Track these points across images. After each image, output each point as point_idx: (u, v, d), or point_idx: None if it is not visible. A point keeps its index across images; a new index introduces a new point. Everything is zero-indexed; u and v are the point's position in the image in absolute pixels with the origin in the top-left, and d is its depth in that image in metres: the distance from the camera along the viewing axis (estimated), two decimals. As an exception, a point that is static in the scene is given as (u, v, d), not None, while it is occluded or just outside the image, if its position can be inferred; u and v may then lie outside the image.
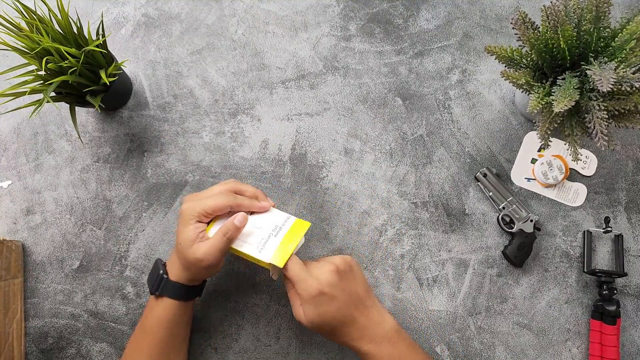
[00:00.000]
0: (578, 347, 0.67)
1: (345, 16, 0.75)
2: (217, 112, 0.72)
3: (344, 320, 0.53)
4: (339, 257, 0.56)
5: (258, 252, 0.56)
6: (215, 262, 0.54)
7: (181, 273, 0.56)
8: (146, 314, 0.58)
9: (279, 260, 0.55)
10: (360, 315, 0.54)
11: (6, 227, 0.70)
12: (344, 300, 0.53)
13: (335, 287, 0.52)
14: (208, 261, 0.53)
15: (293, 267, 0.53)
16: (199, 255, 0.53)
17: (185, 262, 0.55)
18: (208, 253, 0.53)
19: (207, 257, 0.53)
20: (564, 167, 0.68)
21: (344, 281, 0.54)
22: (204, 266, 0.53)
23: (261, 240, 0.57)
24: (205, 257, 0.53)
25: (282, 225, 0.59)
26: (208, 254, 0.53)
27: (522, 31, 0.56)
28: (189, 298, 0.58)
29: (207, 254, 0.53)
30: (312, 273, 0.53)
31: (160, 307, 0.57)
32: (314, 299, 0.52)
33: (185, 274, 0.56)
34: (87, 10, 0.74)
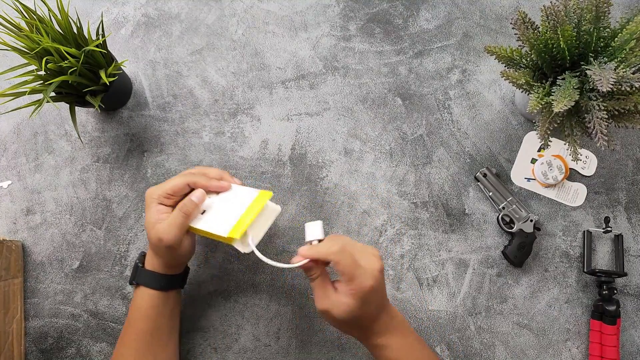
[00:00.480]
0: (578, 347, 0.67)
1: (345, 16, 0.75)
2: (217, 112, 0.72)
3: (376, 316, 0.53)
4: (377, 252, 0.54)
5: (215, 227, 0.54)
6: (175, 239, 0.53)
7: (154, 260, 0.56)
8: (130, 307, 0.59)
9: (235, 233, 0.52)
10: (383, 310, 0.54)
11: (6, 227, 0.70)
12: (380, 297, 0.53)
13: (380, 285, 0.52)
14: (168, 239, 0.52)
15: (345, 262, 0.50)
16: (160, 234, 0.52)
17: (152, 246, 0.55)
18: (167, 231, 0.52)
19: (166, 235, 0.52)
20: (564, 167, 0.68)
21: (383, 279, 0.53)
22: (165, 245, 0.53)
23: (222, 216, 0.55)
24: (164, 235, 0.52)
25: (245, 200, 0.56)
26: (167, 232, 0.52)
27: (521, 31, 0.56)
28: (167, 288, 0.57)
29: (165, 232, 0.52)
30: (365, 268, 0.50)
31: (138, 297, 0.57)
32: (365, 296, 0.50)
33: (158, 260, 0.56)
34: (87, 10, 0.75)
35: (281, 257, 0.69)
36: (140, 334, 0.57)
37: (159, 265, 0.56)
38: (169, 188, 0.55)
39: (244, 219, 0.53)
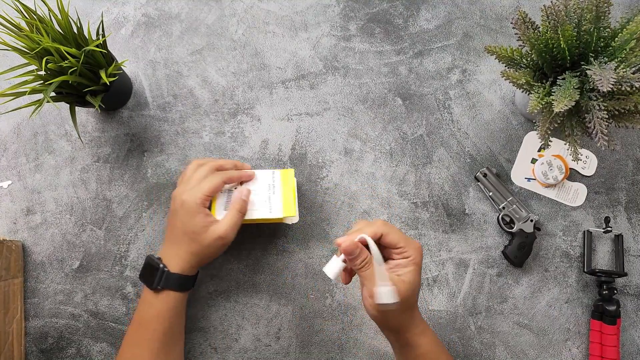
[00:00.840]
0: (578, 347, 0.67)
1: (345, 16, 0.75)
2: (217, 112, 0.72)
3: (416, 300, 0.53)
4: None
5: (269, 213, 0.62)
6: (232, 237, 0.57)
7: (184, 263, 0.57)
8: (143, 309, 0.58)
9: (289, 211, 0.62)
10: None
11: (6, 227, 0.69)
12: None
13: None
14: (229, 238, 0.56)
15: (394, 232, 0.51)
16: (220, 233, 0.55)
17: (199, 245, 0.56)
18: (229, 231, 0.56)
19: (228, 235, 0.56)
20: (564, 167, 0.68)
21: None
22: (224, 243, 0.56)
23: (265, 202, 0.63)
24: (226, 234, 0.56)
25: (273, 181, 0.64)
26: (229, 232, 0.56)
27: (522, 31, 0.56)
28: (189, 288, 0.59)
29: (228, 231, 0.56)
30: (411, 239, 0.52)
31: (160, 301, 0.57)
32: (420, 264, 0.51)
33: (190, 261, 0.57)
34: (87, 10, 0.74)
35: (281, 256, 0.69)
36: (155, 334, 0.57)
37: (188, 268, 0.57)
38: (208, 190, 0.56)
39: (288, 198, 0.63)
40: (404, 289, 0.49)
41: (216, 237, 0.55)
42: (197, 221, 0.55)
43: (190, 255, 0.57)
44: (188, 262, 0.57)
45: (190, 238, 0.56)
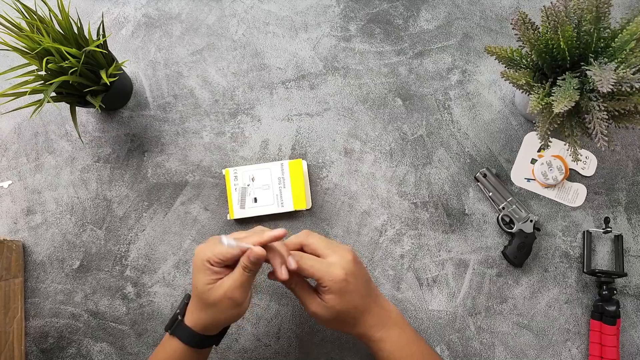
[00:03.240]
0: (578, 347, 0.67)
1: (346, 16, 0.75)
2: (218, 112, 0.72)
3: (364, 308, 0.53)
4: (349, 247, 0.55)
5: (280, 207, 0.67)
6: (239, 298, 0.50)
7: (198, 317, 0.52)
8: (158, 349, 0.56)
9: (300, 204, 0.67)
10: (373, 302, 0.55)
11: (6, 227, 0.70)
12: (362, 287, 0.53)
13: (356, 276, 0.52)
14: (237, 297, 0.50)
15: (309, 264, 0.52)
16: (225, 291, 0.50)
17: (205, 304, 0.51)
18: (234, 289, 0.50)
19: (234, 294, 0.50)
20: (564, 168, 0.68)
21: (361, 270, 0.54)
22: (232, 304, 0.50)
23: (276, 196, 0.67)
24: (232, 293, 0.50)
25: (282, 174, 0.67)
26: (235, 291, 0.50)
27: (522, 32, 0.56)
28: (202, 346, 0.54)
29: (233, 290, 0.50)
30: (332, 263, 0.52)
31: (170, 346, 0.54)
32: (340, 288, 0.51)
33: (203, 317, 0.52)
34: (87, 10, 0.75)
35: (281, 257, 0.69)
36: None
37: (202, 324, 0.52)
38: (220, 253, 0.50)
39: (298, 190, 0.67)
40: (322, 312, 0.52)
41: (221, 295, 0.50)
42: (200, 278, 0.51)
43: (200, 313, 0.52)
44: (200, 320, 0.52)
45: (198, 296, 0.52)
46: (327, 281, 0.51)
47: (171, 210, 0.70)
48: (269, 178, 0.68)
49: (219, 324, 0.53)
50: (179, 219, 0.70)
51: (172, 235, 0.69)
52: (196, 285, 0.51)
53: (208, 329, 0.53)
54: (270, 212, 0.67)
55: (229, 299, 0.50)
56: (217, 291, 0.50)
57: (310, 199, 0.70)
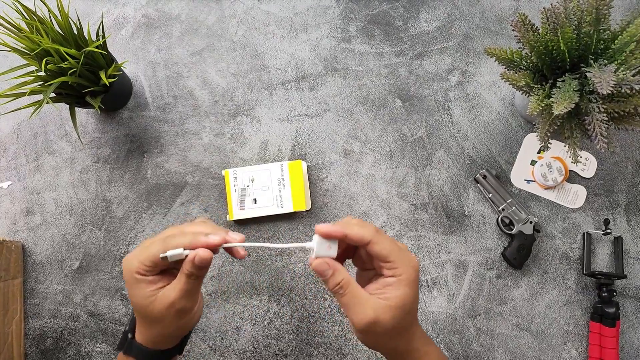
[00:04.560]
0: (577, 349, 0.67)
1: (345, 17, 0.75)
2: (217, 113, 0.72)
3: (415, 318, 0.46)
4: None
5: (280, 209, 0.67)
6: (188, 308, 0.44)
7: (148, 334, 0.46)
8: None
9: (300, 205, 0.67)
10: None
11: (6, 228, 0.70)
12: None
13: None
14: (183, 306, 0.43)
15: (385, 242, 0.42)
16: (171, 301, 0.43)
17: (149, 320, 0.44)
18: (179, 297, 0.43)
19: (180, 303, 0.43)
20: (564, 169, 0.68)
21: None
22: (178, 314, 0.44)
23: (275, 197, 0.67)
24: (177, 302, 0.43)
25: (282, 175, 0.68)
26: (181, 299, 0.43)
27: (522, 33, 0.56)
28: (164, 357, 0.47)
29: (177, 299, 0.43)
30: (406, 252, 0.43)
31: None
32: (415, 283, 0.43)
33: (152, 334, 0.45)
34: (87, 11, 0.75)
35: (280, 258, 0.69)
36: None
37: (152, 342, 0.46)
38: (147, 258, 0.42)
39: (297, 191, 0.67)
40: (390, 316, 0.41)
41: (166, 307, 0.43)
42: (137, 293, 0.43)
43: (148, 330, 0.45)
44: (151, 337, 0.46)
45: (139, 313, 0.45)
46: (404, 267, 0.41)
47: (171, 211, 0.70)
48: (269, 179, 0.68)
49: (171, 338, 0.46)
50: (178, 220, 0.70)
51: (172, 236, 0.69)
52: (134, 303, 0.44)
53: (161, 344, 0.46)
54: (269, 213, 0.67)
55: (176, 310, 0.43)
56: (160, 304, 0.43)
57: (310, 200, 0.70)
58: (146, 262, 0.42)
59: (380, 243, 0.41)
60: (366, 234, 0.41)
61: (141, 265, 0.43)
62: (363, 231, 0.41)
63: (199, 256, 0.41)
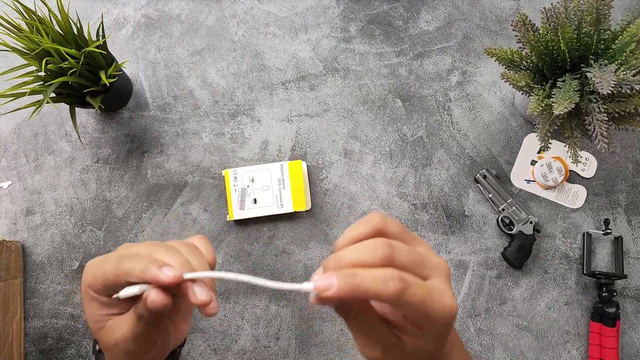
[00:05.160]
0: (577, 349, 0.67)
1: (346, 17, 0.75)
2: (217, 113, 0.72)
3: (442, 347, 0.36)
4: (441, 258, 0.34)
5: (280, 209, 0.67)
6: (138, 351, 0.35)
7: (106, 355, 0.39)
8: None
9: (300, 205, 0.67)
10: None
11: (6, 228, 0.70)
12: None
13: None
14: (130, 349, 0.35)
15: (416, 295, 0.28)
16: (116, 339, 0.35)
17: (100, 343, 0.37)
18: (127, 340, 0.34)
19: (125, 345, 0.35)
20: (564, 169, 0.68)
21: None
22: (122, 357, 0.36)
23: (275, 197, 0.67)
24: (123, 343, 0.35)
25: (282, 175, 0.68)
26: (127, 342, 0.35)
27: (522, 33, 0.56)
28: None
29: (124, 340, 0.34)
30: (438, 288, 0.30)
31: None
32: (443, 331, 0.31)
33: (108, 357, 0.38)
34: (87, 11, 0.74)
35: (280, 258, 0.69)
36: None
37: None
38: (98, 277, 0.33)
39: (297, 191, 0.67)
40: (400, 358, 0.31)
41: (112, 343, 0.35)
42: (87, 311, 0.36)
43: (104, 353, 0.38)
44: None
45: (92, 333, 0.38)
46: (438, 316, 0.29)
47: (171, 211, 0.70)
48: (269, 179, 0.68)
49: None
50: (178, 220, 0.70)
51: (172, 237, 0.69)
52: (87, 321, 0.36)
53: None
54: (269, 213, 0.67)
55: (122, 351, 0.35)
56: (107, 336, 0.35)
57: (310, 200, 0.70)
58: (99, 281, 0.33)
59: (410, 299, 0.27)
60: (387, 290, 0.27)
61: (94, 282, 0.34)
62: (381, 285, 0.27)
63: (150, 299, 0.31)
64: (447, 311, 0.29)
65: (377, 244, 0.28)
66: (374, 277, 0.27)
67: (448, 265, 0.32)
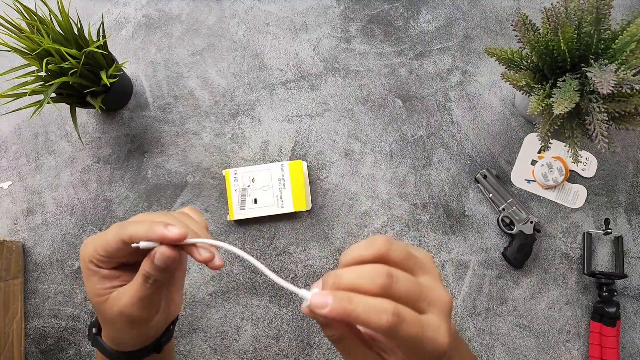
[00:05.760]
0: (578, 348, 0.67)
1: (346, 17, 0.75)
2: (218, 113, 0.72)
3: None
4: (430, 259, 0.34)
5: (280, 209, 0.67)
6: (142, 316, 0.37)
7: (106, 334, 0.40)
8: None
9: (300, 205, 0.67)
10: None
11: (6, 228, 0.70)
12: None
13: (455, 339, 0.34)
14: (136, 315, 0.36)
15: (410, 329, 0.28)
16: (120, 308, 0.36)
17: (103, 320, 0.38)
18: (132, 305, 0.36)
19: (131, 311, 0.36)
20: (564, 169, 0.68)
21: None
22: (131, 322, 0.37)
23: (276, 197, 0.67)
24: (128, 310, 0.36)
25: (282, 175, 0.68)
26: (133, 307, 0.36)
27: (522, 33, 0.56)
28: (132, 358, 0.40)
29: (129, 306, 0.36)
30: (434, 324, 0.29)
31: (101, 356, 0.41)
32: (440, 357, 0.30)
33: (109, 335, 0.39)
34: (87, 11, 0.75)
35: (281, 258, 0.69)
36: None
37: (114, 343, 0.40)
38: (100, 247, 0.35)
39: (298, 191, 0.67)
40: None
41: (116, 313, 0.36)
42: (89, 286, 0.37)
43: (103, 329, 0.39)
44: (109, 338, 0.39)
45: (95, 308, 0.38)
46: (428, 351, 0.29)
47: (171, 211, 0.70)
48: (269, 179, 0.68)
49: (129, 344, 0.39)
50: (178, 220, 0.70)
51: (172, 236, 0.69)
52: (90, 297, 0.38)
53: (122, 347, 0.39)
54: (270, 213, 0.67)
55: (127, 318, 0.36)
56: (111, 307, 0.36)
57: (310, 200, 0.70)
58: (100, 251, 0.35)
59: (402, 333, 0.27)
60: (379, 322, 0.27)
61: (95, 254, 0.35)
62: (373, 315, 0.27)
63: (160, 253, 0.33)
64: (438, 348, 0.29)
65: (378, 271, 0.28)
66: (369, 306, 0.27)
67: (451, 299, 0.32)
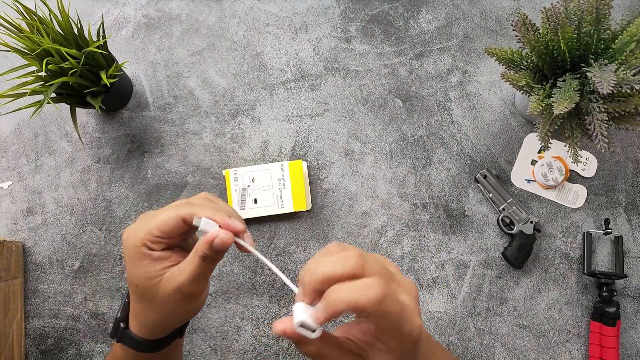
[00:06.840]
0: (578, 348, 0.67)
1: (346, 17, 0.75)
2: (218, 113, 0.72)
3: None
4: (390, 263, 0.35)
5: (280, 209, 0.67)
6: (197, 292, 0.39)
7: (145, 321, 0.41)
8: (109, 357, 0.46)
9: (300, 205, 0.67)
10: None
11: (6, 228, 0.70)
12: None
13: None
14: (193, 291, 0.39)
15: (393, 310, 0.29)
16: (178, 285, 0.38)
17: (150, 304, 0.40)
18: (189, 281, 0.38)
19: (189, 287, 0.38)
20: (564, 169, 0.68)
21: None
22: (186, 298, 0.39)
23: (276, 197, 0.67)
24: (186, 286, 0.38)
25: (282, 175, 0.68)
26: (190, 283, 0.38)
27: (522, 33, 0.56)
28: (158, 348, 0.43)
29: (187, 282, 0.38)
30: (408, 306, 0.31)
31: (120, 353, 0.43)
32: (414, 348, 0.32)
33: (150, 321, 0.41)
34: (87, 11, 0.74)
35: (281, 257, 0.69)
36: None
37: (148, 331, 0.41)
38: (156, 226, 0.37)
39: (298, 191, 0.67)
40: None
41: (172, 291, 0.38)
42: (139, 272, 0.38)
43: (147, 316, 0.41)
44: (148, 324, 0.41)
45: (140, 295, 0.40)
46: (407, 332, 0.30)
47: (171, 211, 0.70)
48: (269, 179, 0.68)
49: (172, 325, 0.42)
50: (179, 220, 0.70)
51: (172, 236, 0.69)
52: (135, 283, 0.39)
53: (160, 332, 0.42)
54: (270, 213, 0.67)
55: (183, 295, 0.38)
56: (166, 287, 0.38)
57: (311, 200, 0.70)
58: (155, 232, 0.36)
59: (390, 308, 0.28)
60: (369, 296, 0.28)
61: (148, 236, 0.37)
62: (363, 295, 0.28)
63: (220, 238, 0.36)
64: (414, 329, 0.30)
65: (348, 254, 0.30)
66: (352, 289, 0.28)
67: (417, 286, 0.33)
